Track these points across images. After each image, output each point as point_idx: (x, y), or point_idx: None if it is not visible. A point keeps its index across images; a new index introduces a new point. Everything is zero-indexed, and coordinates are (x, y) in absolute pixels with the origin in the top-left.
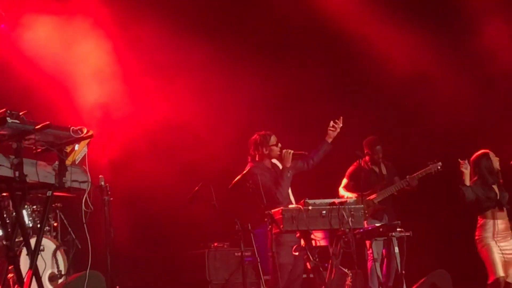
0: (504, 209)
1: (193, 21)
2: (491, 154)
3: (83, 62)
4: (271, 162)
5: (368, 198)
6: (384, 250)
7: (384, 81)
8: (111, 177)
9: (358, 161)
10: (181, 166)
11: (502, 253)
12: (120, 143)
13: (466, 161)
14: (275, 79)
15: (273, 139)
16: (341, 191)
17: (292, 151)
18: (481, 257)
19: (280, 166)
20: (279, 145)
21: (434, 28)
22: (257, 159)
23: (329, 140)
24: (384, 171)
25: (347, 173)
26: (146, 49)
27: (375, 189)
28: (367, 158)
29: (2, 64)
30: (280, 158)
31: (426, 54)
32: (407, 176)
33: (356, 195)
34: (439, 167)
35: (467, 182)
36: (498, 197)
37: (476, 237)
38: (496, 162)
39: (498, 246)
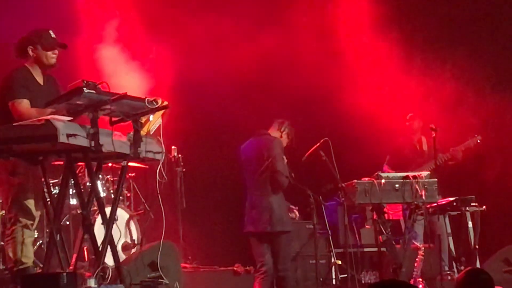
0: None
1: None
2: None
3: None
4: None
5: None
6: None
7: None
8: (185, 148)
9: (400, 138)
10: None
11: None
12: (195, 114)
13: None
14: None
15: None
16: (385, 167)
17: None
18: None
19: None
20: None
21: None
22: None
23: None
24: (425, 147)
25: (390, 150)
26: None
27: (414, 166)
28: (409, 134)
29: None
30: None
31: None
32: (451, 149)
33: None
34: (478, 141)
35: None
36: None
37: None
38: None
39: None
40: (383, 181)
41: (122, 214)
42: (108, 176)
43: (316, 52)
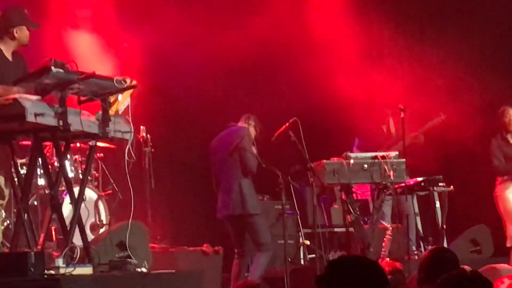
0: None
1: None
2: (507, 110)
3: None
4: None
5: None
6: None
7: None
8: (154, 128)
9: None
10: (226, 118)
11: None
12: (164, 95)
13: None
14: None
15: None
16: (353, 149)
17: None
18: (500, 213)
19: None
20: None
21: None
22: None
23: None
24: (392, 129)
25: (359, 133)
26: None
27: (382, 149)
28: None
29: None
30: None
31: None
32: (412, 134)
33: None
34: (442, 119)
35: None
36: None
37: (496, 194)
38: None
39: None
40: (351, 161)
41: (90, 194)
42: (76, 156)
43: (289, 34)
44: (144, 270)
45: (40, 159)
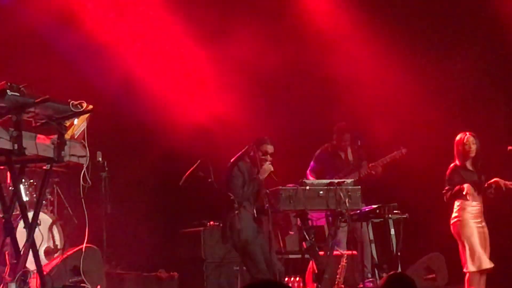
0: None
1: None
2: (467, 138)
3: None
4: None
5: None
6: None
7: None
8: (109, 153)
9: (325, 145)
10: (180, 144)
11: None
12: (119, 119)
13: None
14: None
15: (268, 147)
16: (308, 174)
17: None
18: (458, 238)
19: None
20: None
21: None
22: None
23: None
24: (350, 156)
25: (314, 157)
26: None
27: (342, 175)
28: (334, 143)
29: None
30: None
31: None
32: (370, 165)
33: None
34: (403, 153)
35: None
36: (478, 181)
37: (456, 220)
38: (472, 145)
39: (477, 228)
40: (307, 187)
41: (45, 219)
42: (32, 180)
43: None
44: None
45: None
